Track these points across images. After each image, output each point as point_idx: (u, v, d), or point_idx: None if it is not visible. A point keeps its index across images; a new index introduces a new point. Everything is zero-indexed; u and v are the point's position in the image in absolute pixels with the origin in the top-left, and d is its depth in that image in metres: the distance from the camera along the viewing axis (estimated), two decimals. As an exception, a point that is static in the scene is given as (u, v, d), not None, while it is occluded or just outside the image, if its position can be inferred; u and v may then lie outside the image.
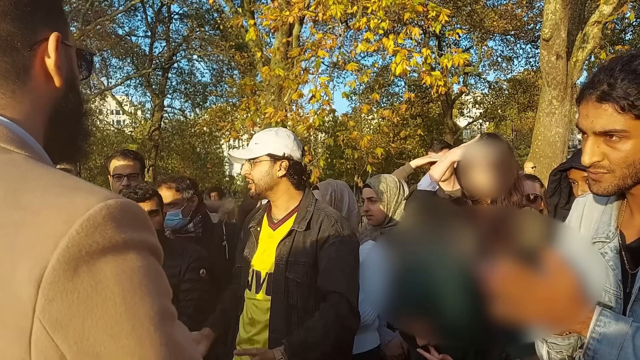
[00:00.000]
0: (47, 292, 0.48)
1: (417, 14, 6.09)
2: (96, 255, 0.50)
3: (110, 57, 20.34)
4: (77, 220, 0.50)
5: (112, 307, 0.50)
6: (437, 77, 6.06)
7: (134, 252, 0.54)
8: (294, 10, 6.33)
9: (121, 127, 28.45)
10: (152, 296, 0.54)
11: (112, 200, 0.53)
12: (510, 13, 16.26)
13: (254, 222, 2.06)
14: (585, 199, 1.17)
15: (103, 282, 0.50)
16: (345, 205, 2.37)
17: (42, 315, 0.48)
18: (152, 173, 19.18)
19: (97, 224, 0.51)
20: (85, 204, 0.52)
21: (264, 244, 1.97)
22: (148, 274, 0.54)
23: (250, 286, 1.95)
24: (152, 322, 0.53)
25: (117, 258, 0.52)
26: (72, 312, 0.49)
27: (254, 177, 1.91)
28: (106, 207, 0.52)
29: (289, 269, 1.84)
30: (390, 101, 20.53)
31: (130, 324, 0.51)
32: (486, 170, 1.73)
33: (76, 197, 0.53)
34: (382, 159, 8.55)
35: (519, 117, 22.58)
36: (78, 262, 0.49)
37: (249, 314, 1.93)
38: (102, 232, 0.51)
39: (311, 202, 1.96)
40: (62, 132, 0.69)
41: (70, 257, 0.49)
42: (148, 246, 0.56)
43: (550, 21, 7.66)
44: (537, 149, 8.24)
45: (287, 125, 6.96)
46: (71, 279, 0.49)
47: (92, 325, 0.50)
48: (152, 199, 2.24)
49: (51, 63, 0.65)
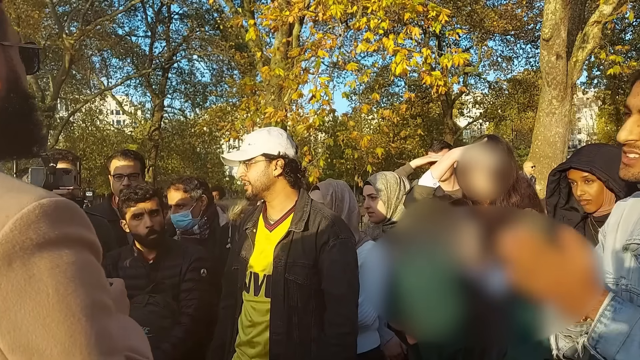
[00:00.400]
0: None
1: (417, 14, 6.09)
2: (30, 251, 0.53)
3: (110, 57, 20.39)
4: (11, 219, 0.53)
5: (45, 298, 0.53)
6: (437, 77, 6.06)
7: (69, 247, 0.56)
8: (294, 10, 6.34)
9: (121, 127, 28.45)
10: (86, 288, 0.56)
11: (46, 199, 0.56)
12: (510, 13, 16.27)
13: (250, 223, 2.03)
14: (626, 203, 1.12)
15: (36, 275, 0.53)
16: (346, 205, 2.37)
17: None
18: (152, 173, 19.19)
19: (31, 221, 0.54)
20: (19, 204, 0.54)
21: (260, 246, 1.95)
22: (82, 268, 0.57)
23: (248, 288, 1.93)
24: (84, 312, 0.55)
25: (52, 253, 0.54)
26: (7, 304, 0.52)
27: (250, 179, 1.89)
28: (40, 206, 0.55)
29: (288, 271, 1.84)
30: (390, 101, 20.54)
31: (62, 314, 0.54)
32: (485, 173, 1.74)
33: (10, 198, 0.55)
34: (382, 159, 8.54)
35: (519, 117, 22.59)
36: (12, 257, 0.52)
37: (248, 316, 1.92)
38: (36, 229, 0.54)
39: (307, 202, 1.95)
40: (8, 130, 0.69)
41: (4, 252, 0.52)
42: (84, 242, 0.59)
43: (550, 21, 7.67)
44: (537, 149, 8.24)
45: (287, 125, 6.97)
46: (5, 273, 0.51)
47: (25, 315, 0.52)
48: (152, 198, 2.24)
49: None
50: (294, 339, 1.82)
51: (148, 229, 2.19)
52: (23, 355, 0.53)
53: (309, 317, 1.84)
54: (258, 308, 1.89)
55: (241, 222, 2.14)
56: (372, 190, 2.44)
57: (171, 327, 2.12)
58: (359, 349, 2.03)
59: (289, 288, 1.83)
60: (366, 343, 2.22)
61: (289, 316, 1.82)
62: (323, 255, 1.85)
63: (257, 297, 1.90)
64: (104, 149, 21.52)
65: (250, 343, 1.90)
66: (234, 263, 2.05)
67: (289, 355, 1.81)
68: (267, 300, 1.86)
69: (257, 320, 1.89)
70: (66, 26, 16.88)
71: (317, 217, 1.90)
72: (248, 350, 1.91)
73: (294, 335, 1.82)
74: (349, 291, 1.85)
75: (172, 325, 2.13)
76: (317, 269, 1.86)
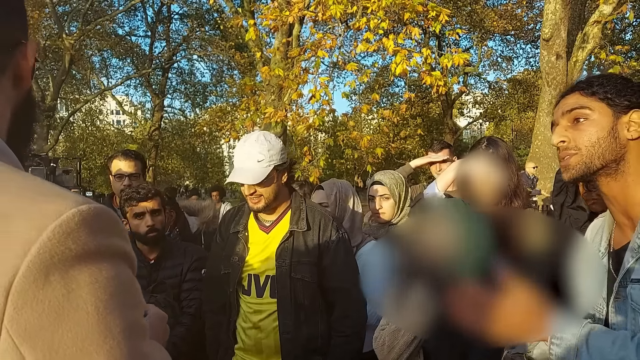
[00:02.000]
0: (17, 301, 0.46)
1: (417, 14, 6.09)
2: (69, 263, 0.48)
3: (110, 57, 20.39)
4: (49, 227, 0.48)
5: (84, 317, 0.48)
6: (437, 77, 6.06)
7: (108, 260, 0.52)
8: (294, 10, 6.34)
9: (121, 127, 28.48)
10: (125, 308, 0.52)
11: (84, 205, 0.51)
12: (510, 13, 16.27)
13: (238, 226, 1.98)
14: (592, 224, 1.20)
15: (76, 291, 0.48)
16: (350, 204, 2.37)
17: (9, 325, 0.46)
18: (152, 173, 19.19)
19: (70, 230, 0.49)
20: (57, 210, 0.49)
21: (257, 248, 1.93)
22: (121, 285, 0.52)
23: (248, 291, 1.91)
24: (123, 335, 0.51)
25: (91, 266, 0.50)
26: (42, 322, 0.46)
27: (264, 193, 1.84)
28: (79, 213, 0.50)
29: (294, 270, 1.85)
30: (390, 101, 20.54)
31: (102, 336, 0.49)
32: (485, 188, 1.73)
33: (48, 203, 0.50)
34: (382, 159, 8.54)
35: (519, 117, 22.59)
36: (49, 269, 0.47)
37: (251, 319, 1.90)
38: (76, 238, 0.49)
39: (301, 201, 1.97)
40: (22, 129, 0.68)
41: (42, 264, 0.47)
42: (121, 253, 0.54)
43: (550, 21, 7.67)
44: (537, 149, 8.25)
45: (287, 125, 6.97)
46: (42, 287, 0.46)
47: (62, 336, 0.47)
48: (154, 198, 2.25)
49: (27, 66, 0.64)
50: (303, 336, 1.84)
51: (149, 227, 2.20)
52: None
53: (316, 313, 1.87)
54: (263, 310, 1.88)
55: (223, 227, 2.06)
56: (385, 191, 2.39)
57: (172, 327, 2.13)
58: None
59: (295, 287, 1.84)
60: (368, 343, 2.22)
61: (297, 314, 1.83)
62: (327, 251, 1.88)
63: (260, 299, 1.88)
64: (104, 149, 21.53)
65: (257, 346, 1.88)
66: (222, 267, 1.98)
67: (300, 352, 1.82)
68: (273, 301, 1.86)
69: (262, 323, 1.87)
70: (66, 26, 16.89)
71: (316, 216, 1.93)
72: (255, 353, 1.89)
73: (303, 332, 1.84)
74: (357, 285, 1.90)
75: (174, 325, 2.14)
76: (321, 266, 1.88)
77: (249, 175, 1.80)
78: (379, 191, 2.39)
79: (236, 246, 1.95)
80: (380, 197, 2.38)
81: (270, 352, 1.86)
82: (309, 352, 1.85)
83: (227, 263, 1.96)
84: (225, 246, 2.00)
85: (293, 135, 8.05)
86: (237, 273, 1.92)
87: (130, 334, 0.51)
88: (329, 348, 1.88)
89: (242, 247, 1.94)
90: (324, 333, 1.88)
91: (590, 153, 1.00)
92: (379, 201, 2.39)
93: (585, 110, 1.01)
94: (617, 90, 1.00)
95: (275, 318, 1.85)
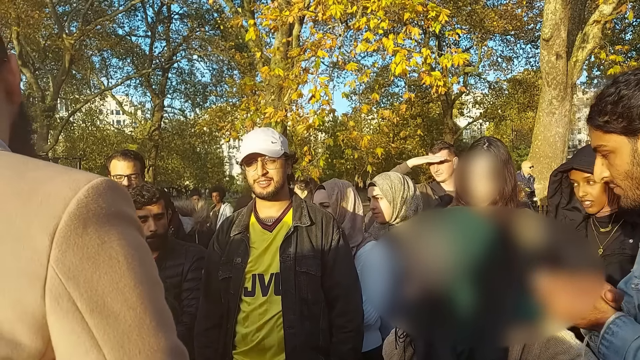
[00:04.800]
0: (61, 244, 0.53)
1: (417, 14, 6.09)
2: (102, 219, 0.56)
3: (110, 57, 20.40)
4: (83, 188, 0.56)
5: (116, 264, 0.56)
6: (437, 77, 6.06)
7: (131, 224, 0.60)
8: (294, 10, 6.34)
9: (121, 127, 28.47)
10: (147, 264, 0.60)
11: (106, 178, 0.60)
12: (510, 13, 16.26)
13: (238, 228, 1.97)
14: None
15: (108, 243, 0.56)
16: (351, 205, 2.38)
17: (56, 264, 0.53)
18: (152, 173, 19.20)
19: (101, 192, 0.57)
20: (87, 177, 0.58)
21: (259, 247, 1.92)
22: (142, 246, 0.60)
23: (252, 292, 1.89)
24: (149, 283, 0.59)
25: (118, 226, 0.58)
26: (83, 264, 0.54)
27: (274, 176, 1.88)
28: (106, 181, 0.59)
29: (299, 264, 1.86)
30: (390, 101, 20.56)
31: (133, 281, 0.56)
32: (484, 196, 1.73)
33: (77, 174, 0.59)
34: (382, 159, 8.55)
35: (519, 117, 22.58)
36: (87, 222, 0.55)
37: (256, 321, 1.87)
38: (106, 199, 0.57)
39: (300, 199, 2.01)
40: (23, 141, 0.74)
41: (80, 215, 0.55)
42: (136, 222, 0.62)
43: (550, 21, 7.67)
44: (537, 149, 8.25)
45: (287, 125, 6.98)
46: (81, 235, 0.54)
47: (100, 277, 0.55)
48: (158, 202, 2.23)
49: (16, 81, 0.70)
50: (306, 331, 1.84)
51: (151, 232, 2.18)
52: (100, 317, 0.54)
53: (318, 308, 1.88)
54: (269, 308, 1.86)
55: (220, 235, 2.03)
56: (377, 191, 2.43)
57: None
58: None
59: (299, 281, 1.85)
60: (368, 343, 2.22)
61: (300, 309, 1.84)
62: (329, 247, 1.91)
63: (266, 297, 1.87)
64: (104, 149, 21.52)
65: (260, 345, 1.86)
66: (221, 273, 1.95)
67: (303, 347, 1.83)
68: (277, 298, 1.85)
69: (266, 322, 1.85)
70: (66, 26, 16.89)
71: (317, 213, 1.96)
72: (257, 355, 1.87)
73: (306, 326, 1.84)
74: (356, 281, 1.97)
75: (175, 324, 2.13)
76: (323, 261, 1.90)
77: (266, 149, 1.84)
78: (372, 192, 2.45)
79: (238, 249, 1.93)
80: (374, 198, 2.43)
81: (274, 350, 1.85)
82: (311, 349, 1.85)
83: (227, 267, 1.93)
84: (224, 252, 1.97)
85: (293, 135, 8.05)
86: (239, 275, 1.90)
87: (153, 284, 0.60)
88: (329, 346, 1.89)
89: (244, 249, 1.91)
90: (325, 329, 1.89)
91: (627, 186, 1.03)
92: (373, 202, 2.45)
93: (603, 148, 1.04)
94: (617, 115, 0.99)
95: (279, 315, 1.84)
